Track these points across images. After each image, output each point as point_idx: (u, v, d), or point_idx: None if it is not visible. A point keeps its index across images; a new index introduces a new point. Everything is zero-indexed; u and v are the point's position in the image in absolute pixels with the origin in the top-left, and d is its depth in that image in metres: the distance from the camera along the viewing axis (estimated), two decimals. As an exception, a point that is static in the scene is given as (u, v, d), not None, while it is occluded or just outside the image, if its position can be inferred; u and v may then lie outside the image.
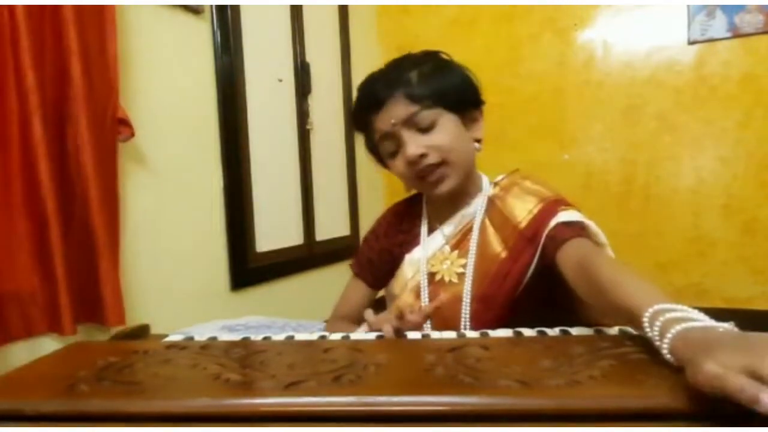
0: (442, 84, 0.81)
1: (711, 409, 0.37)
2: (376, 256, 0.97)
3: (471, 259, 0.84)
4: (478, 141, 0.87)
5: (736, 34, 2.24)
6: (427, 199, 0.94)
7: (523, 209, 0.83)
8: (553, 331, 0.62)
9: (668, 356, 0.44)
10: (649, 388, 0.42)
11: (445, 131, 0.81)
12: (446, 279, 0.85)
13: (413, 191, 0.96)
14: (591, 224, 0.80)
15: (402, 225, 0.96)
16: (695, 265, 2.38)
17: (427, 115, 0.80)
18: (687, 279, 2.39)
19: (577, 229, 0.77)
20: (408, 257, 0.91)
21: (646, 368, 0.46)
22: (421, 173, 0.82)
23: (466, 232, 0.86)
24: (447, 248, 0.87)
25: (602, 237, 0.80)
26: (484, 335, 0.61)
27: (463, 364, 0.49)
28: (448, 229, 0.89)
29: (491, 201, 0.87)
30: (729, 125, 2.29)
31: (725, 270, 2.33)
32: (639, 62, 2.42)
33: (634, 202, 2.48)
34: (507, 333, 0.62)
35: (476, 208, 0.88)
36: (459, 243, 0.86)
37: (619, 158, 2.50)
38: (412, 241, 0.92)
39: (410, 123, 0.80)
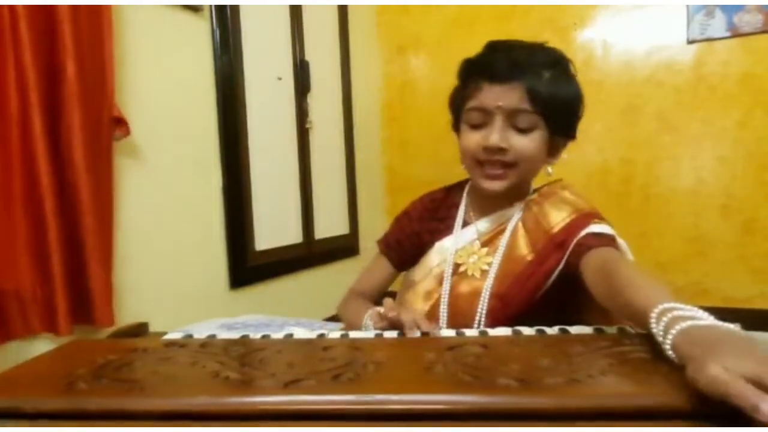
0: (563, 99, 0.80)
1: (711, 409, 0.37)
2: (406, 238, 0.97)
3: (498, 258, 0.84)
4: (551, 164, 0.86)
5: (735, 33, 2.24)
6: (470, 190, 0.94)
7: (557, 216, 0.83)
8: (552, 330, 0.62)
9: (670, 352, 0.44)
10: (648, 387, 0.42)
11: (534, 143, 0.80)
12: (469, 273, 0.85)
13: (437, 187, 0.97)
14: (621, 242, 0.80)
15: (438, 212, 0.96)
16: (694, 264, 2.38)
17: (531, 118, 0.78)
18: (686, 278, 2.39)
19: (606, 240, 0.77)
20: (438, 245, 0.91)
21: (645, 367, 0.46)
22: (486, 162, 0.81)
23: (498, 232, 0.87)
24: (477, 243, 0.87)
25: (630, 255, 0.80)
26: (484, 334, 0.61)
27: (462, 363, 0.49)
28: (483, 225, 0.89)
29: (528, 205, 0.87)
30: (728, 125, 2.29)
31: (724, 270, 2.33)
32: (638, 62, 2.42)
33: (633, 202, 2.48)
34: (506, 332, 0.62)
35: (515, 211, 0.88)
36: (490, 241, 0.87)
37: (619, 158, 2.50)
38: (445, 230, 0.92)
39: (512, 116, 0.79)
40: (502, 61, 0.79)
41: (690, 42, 2.32)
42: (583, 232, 0.78)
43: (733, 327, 0.43)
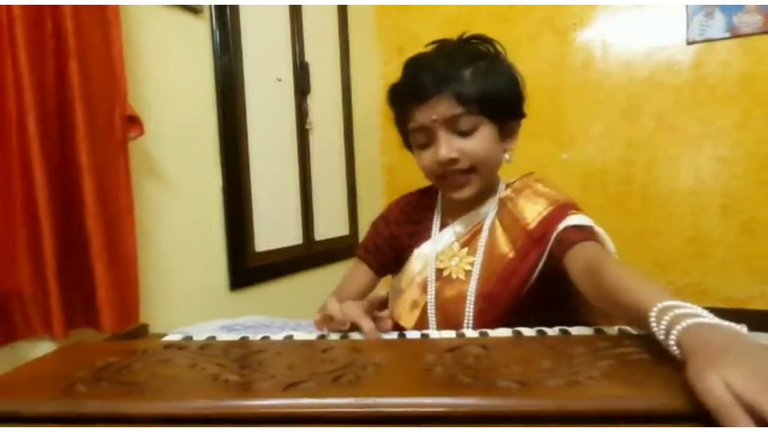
0: (492, 90, 0.79)
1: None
2: (384, 242, 0.96)
3: (479, 258, 0.84)
4: (509, 150, 0.86)
5: (735, 34, 2.24)
6: (443, 193, 0.94)
7: (533, 211, 0.82)
8: (553, 331, 0.62)
9: (674, 349, 0.44)
10: (648, 389, 0.42)
11: (482, 140, 0.80)
12: (453, 276, 0.85)
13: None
14: (600, 231, 0.79)
15: (414, 215, 0.95)
16: (694, 264, 2.38)
17: (469, 120, 0.79)
18: (685, 279, 2.39)
19: (586, 233, 0.77)
20: (417, 252, 0.91)
21: (645, 368, 0.46)
22: (446, 174, 0.82)
23: (476, 232, 0.86)
24: (457, 245, 0.87)
25: (610, 244, 0.79)
26: (484, 335, 0.61)
27: (462, 365, 0.49)
28: (460, 227, 0.89)
29: (502, 202, 0.87)
30: (727, 125, 2.29)
31: (724, 270, 2.33)
32: (638, 62, 2.43)
33: (632, 202, 2.48)
34: (506, 333, 0.62)
35: (489, 208, 0.87)
36: (469, 241, 0.86)
37: (618, 158, 2.50)
38: (423, 233, 0.92)
39: (451, 124, 0.79)
40: (422, 79, 0.79)
41: (689, 42, 2.32)
42: (561, 225, 0.78)
43: (739, 328, 0.43)
